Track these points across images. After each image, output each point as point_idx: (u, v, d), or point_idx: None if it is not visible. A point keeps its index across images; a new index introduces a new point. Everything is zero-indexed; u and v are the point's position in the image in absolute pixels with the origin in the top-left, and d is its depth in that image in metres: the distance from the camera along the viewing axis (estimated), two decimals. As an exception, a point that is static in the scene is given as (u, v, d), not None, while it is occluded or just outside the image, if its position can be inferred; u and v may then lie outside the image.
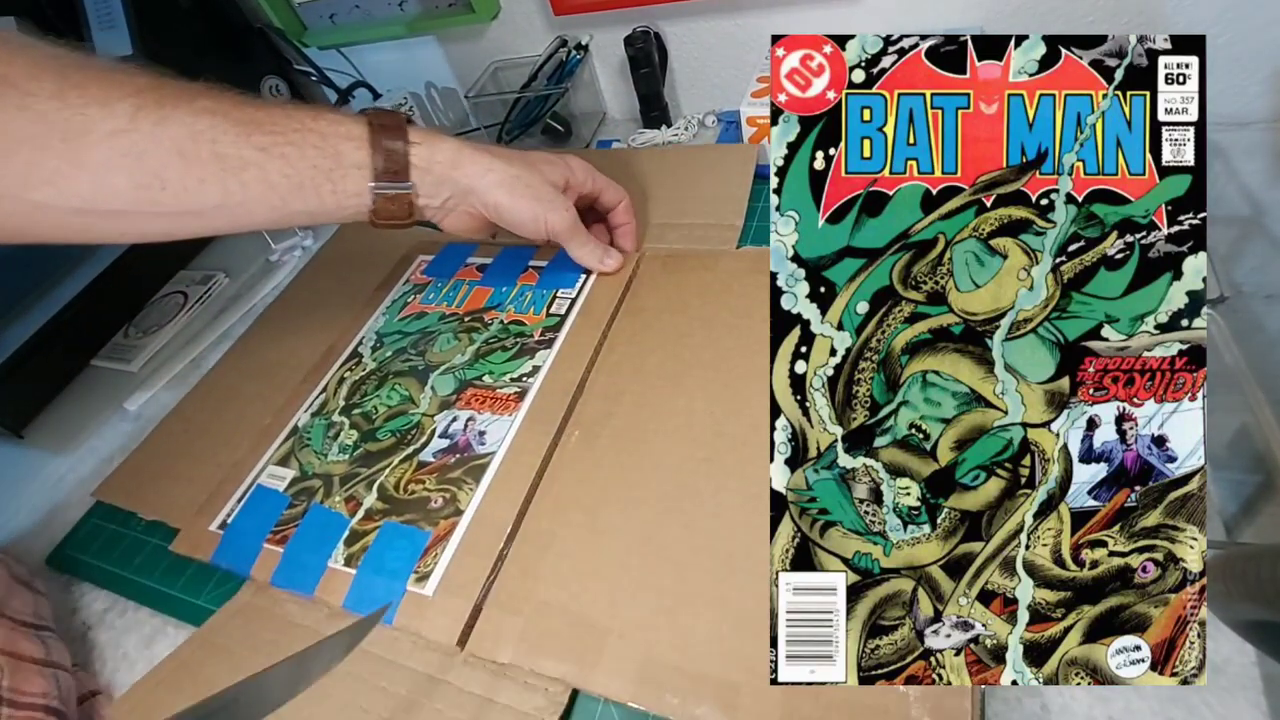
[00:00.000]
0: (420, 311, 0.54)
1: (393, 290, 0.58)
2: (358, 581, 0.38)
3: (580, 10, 0.68)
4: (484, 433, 0.44)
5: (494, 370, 0.47)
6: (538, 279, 0.53)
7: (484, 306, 0.53)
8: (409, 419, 0.46)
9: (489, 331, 0.50)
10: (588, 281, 0.51)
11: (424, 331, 0.52)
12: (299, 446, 0.47)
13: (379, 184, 0.41)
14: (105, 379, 0.64)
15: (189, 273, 0.73)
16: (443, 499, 0.41)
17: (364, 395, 0.49)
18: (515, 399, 0.45)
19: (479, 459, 0.42)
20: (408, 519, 0.40)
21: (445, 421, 0.45)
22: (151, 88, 0.36)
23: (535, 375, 0.46)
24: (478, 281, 0.55)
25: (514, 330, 0.50)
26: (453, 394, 0.47)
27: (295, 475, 0.45)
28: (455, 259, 0.58)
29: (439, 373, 0.49)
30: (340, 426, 0.47)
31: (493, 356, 0.48)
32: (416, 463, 0.43)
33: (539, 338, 0.48)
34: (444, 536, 0.39)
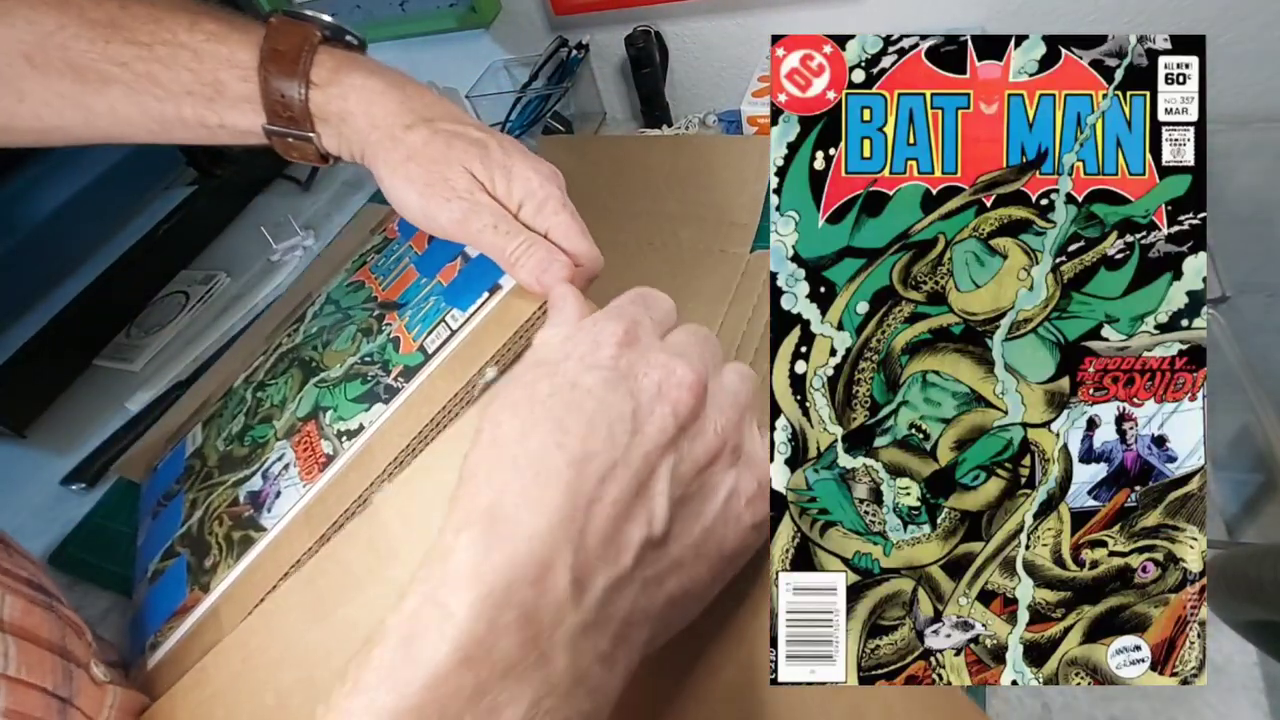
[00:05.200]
0: (362, 281, 0.43)
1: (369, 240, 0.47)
2: (142, 608, 0.33)
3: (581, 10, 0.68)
4: (279, 495, 0.34)
5: (338, 406, 0.36)
6: (453, 277, 0.38)
7: (395, 301, 0.40)
8: (267, 430, 0.37)
9: (374, 343, 0.38)
10: (485, 305, 0.35)
11: (346, 312, 0.42)
12: (218, 413, 0.41)
13: (273, 127, 0.33)
14: (107, 378, 0.65)
15: (191, 272, 0.73)
16: (213, 559, 0.33)
17: (274, 375, 0.41)
18: (322, 463, 0.34)
19: (256, 529, 0.33)
20: (191, 563, 0.34)
21: (275, 455, 0.36)
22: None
23: (355, 439, 0.34)
24: (416, 258, 0.42)
25: (385, 355, 0.37)
26: (303, 419, 0.36)
27: (199, 445, 0.40)
28: None
29: (315, 380, 0.38)
30: (243, 406, 0.40)
31: (352, 384, 0.36)
32: (234, 495, 0.35)
33: (392, 379, 0.35)
34: (189, 609, 0.32)
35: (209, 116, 0.33)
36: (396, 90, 0.34)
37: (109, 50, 0.31)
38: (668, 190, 0.56)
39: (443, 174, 0.33)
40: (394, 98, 0.34)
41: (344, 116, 0.34)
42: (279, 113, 0.33)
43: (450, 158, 0.33)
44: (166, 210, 0.72)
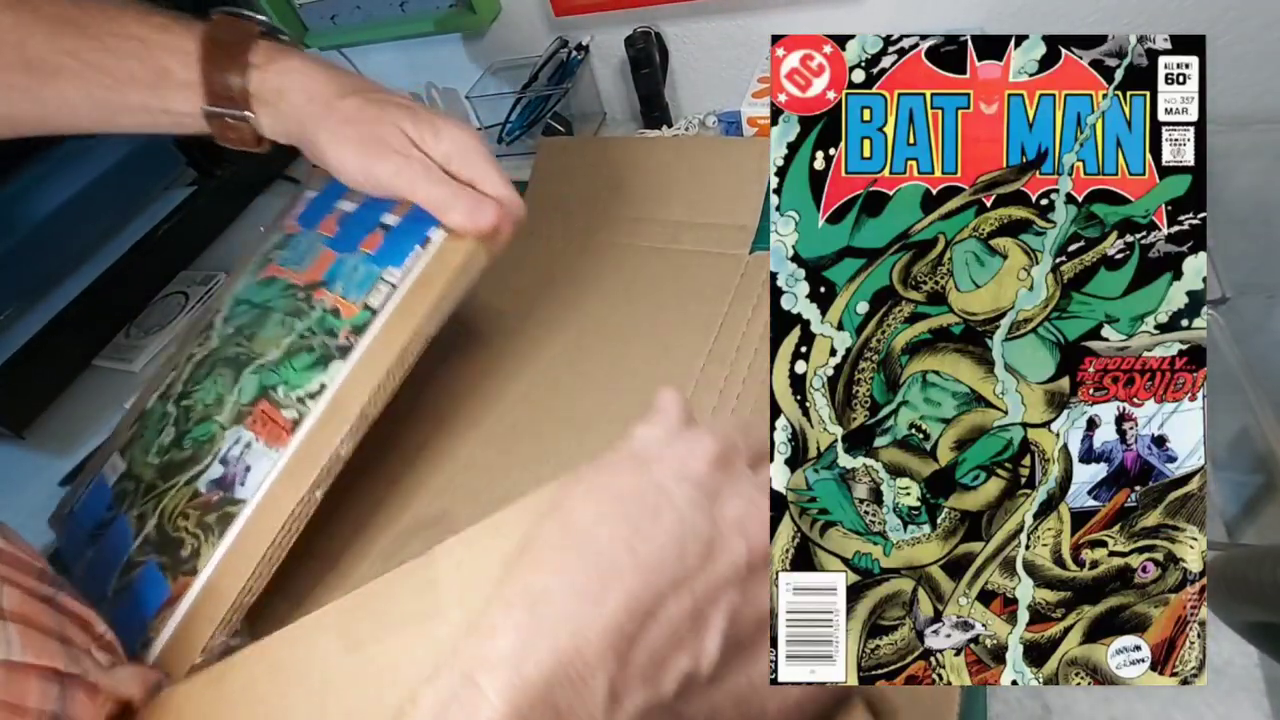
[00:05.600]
0: (273, 276, 0.44)
1: (268, 240, 0.47)
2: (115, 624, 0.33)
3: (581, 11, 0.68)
4: (249, 469, 0.35)
5: (289, 380, 0.37)
6: (379, 245, 0.40)
7: (320, 280, 0.41)
8: (210, 427, 0.38)
9: (309, 320, 0.39)
10: (421, 256, 0.38)
11: (265, 305, 0.42)
12: (137, 435, 0.41)
13: (212, 108, 0.35)
14: (107, 379, 0.65)
15: (190, 273, 0.73)
16: (191, 547, 0.34)
17: (196, 382, 0.41)
18: (289, 428, 0.35)
19: (233, 504, 0.34)
20: (163, 563, 0.34)
21: (230, 441, 0.37)
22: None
23: (319, 398, 0.36)
24: (329, 240, 0.43)
25: (327, 325, 0.38)
26: (250, 403, 0.38)
27: (124, 470, 0.40)
28: (329, 201, 0.46)
29: (251, 369, 0.39)
30: (168, 419, 0.40)
31: (297, 359, 0.38)
32: (192, 491, 0.36)
33: (343, 340, 0.37)
34: (178, 597, 0.33)
35: (153, 102, 0.35)
36: (328, 69, 0.38)
37: (61, 43, 0.33)
38: (668, 192, 0.56)
39: (378, 133, 0.36)
40: (327, 74, 0.37)
41: (281, 93, 0.36)
42: (219, 94, 0.35)
43: (384, 118, 0.36)
44: (166, 210, 0.72)
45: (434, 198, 0.36)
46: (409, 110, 0.37)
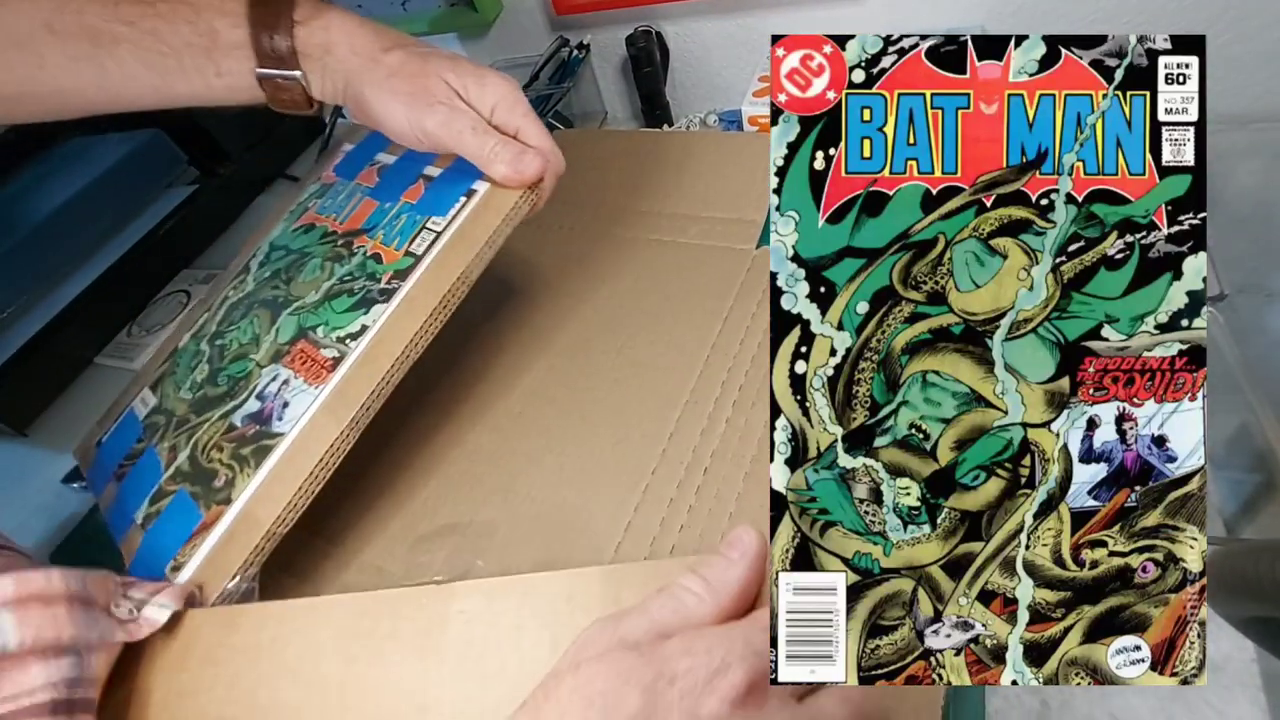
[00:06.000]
0: (311, 223, 0.45)
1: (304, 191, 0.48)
2: (142, 548, 0.34)
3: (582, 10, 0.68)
4: (288, 405, 0.36)
5: (329, 321, 0.38)
6: (420, 195, 0.41)
7: (360, 228, 0.42)
8: (246, 364, 0.39)
9: (349, 264, 0.40)
10: (466, 206, 0.39)
11: (302, 251, 0.43)
12: (169, 371, 0.42)
13: (264, 69, 0.36)
14: (109, 377, 0.65)
15: (192, 271, 0.73)
16: (225, 478, 0.35)
17: (231, 323, 0.42)
18: (330, 366, 0.36)
19: (270, 437, 0.35)
20: (195, 492, 0.35)
21: (268, 378, 0.37)
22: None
23: (360, 339, 0.36)
24: (370, 190, 0.44)
25: (369, 269, 0.39)
26: (289, 343, 0.38)
27: (155, 404, 0.41)
28: (367, 154, 0.47)
29: (289, 310, 0.40)
30: (201, 357, 0.41)
31: (337, 301, 0.39)
32: (227, 425, 0.37)
33: (385, 284, 0.38)
34: (210, 525, 0.33)
35: (207, 66, 0.36)
36: (368, 22, 0.39)
37: (119, 11, 0.35)
38: (676, 186, 0.56)
39: (424, 85, 0.37)
40: (370, 28, 0.39)
41: (328, 48, 0.37)
42: (268, 54, 0.36)
43: (428, 70, 0.37)
44: (167, 210, 0.72)
45: (481, 148, 0.37)
46: (452, 61, 0.39)
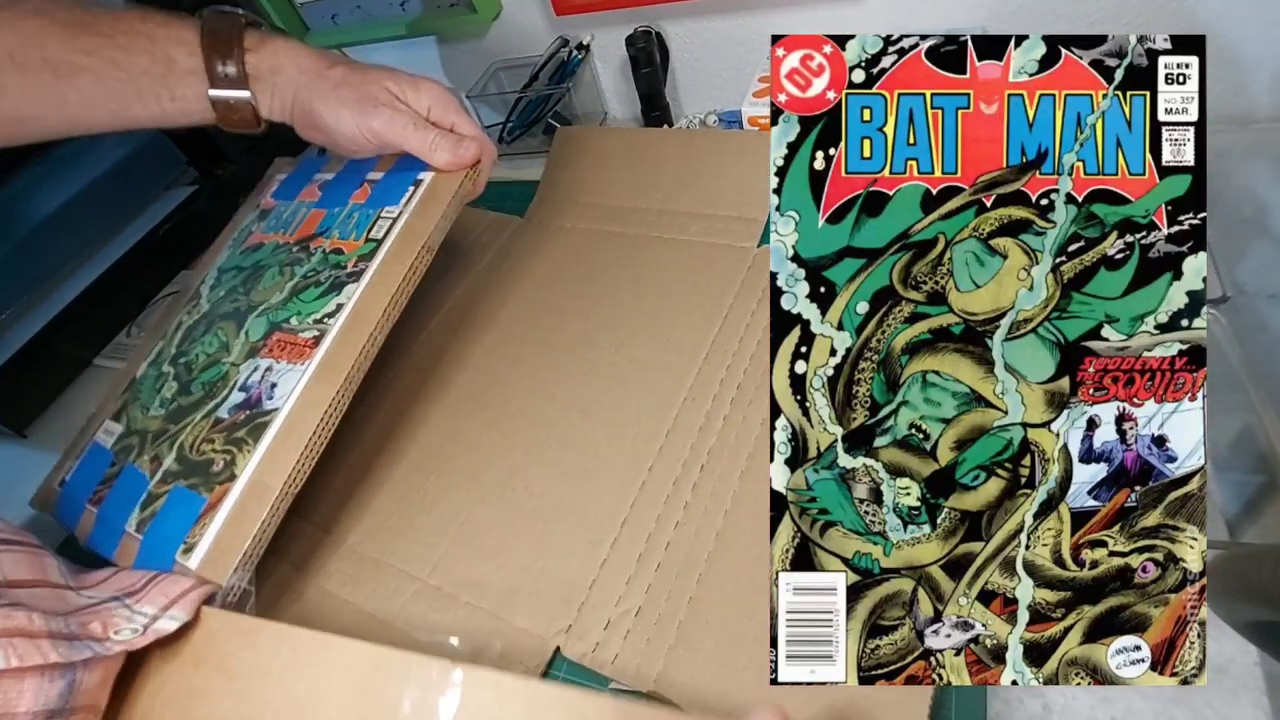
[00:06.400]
0: (259, 243, 0.49)
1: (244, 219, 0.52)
2: (143, 549, 0.36)
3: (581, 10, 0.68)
4: (275, 385, 0.38)
5: (301, 311, 0.41)
6: (368, 195, 0.46)
7: (313, 233, 0.46)
8: (219, 369, 0.41)
9: (310, 263, 0.44)
10: (415, 193, 0.44)
11: (256, 266, 0.47)
12: (131, 400, 0.44)
13: (216, 91, 0.40)
14: (108, 378, 0.64)
15: (191, 273, 0.73)
16: (223, 461, 0.37)
17: (192, 341, 0.44)
18: (311, 344, 0.39)
19: (263, 415, 0.37)
20: (192, 483, 0.37)
21: (247, 372, 0.40)
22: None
23: (337, 315, 0.40)
24: (315, 203, 0.48)
25: (331, 261, 0.43)
26: (261, 339, 0.41)
27: (122, 431, 0.42)
28: (305, 177, 0.51)
29: (255, 315, 0.43)
30: (165, 378, 0.44)
31: (305, 294, 0.42)
32: (213, 420, 0.39)
33: (351, 269, 0.42)
34: (217, 504, 0.35)
35: (162, 91, 0.40)
36: (311, 48, 0.43)
37: (78, 43, 0.38)
38: (678, 183, 0.56)
39: (368, 91, 0.42)
40: (313, 51, 0.43)
41: (276, 69, 0.41)
42: (220, 78, 0.40)
43: (369, 79, 0.43)
44: (166, 210, 0.72)
45: (423, 141, 0.42)
46: (389, 72, 0.44)
